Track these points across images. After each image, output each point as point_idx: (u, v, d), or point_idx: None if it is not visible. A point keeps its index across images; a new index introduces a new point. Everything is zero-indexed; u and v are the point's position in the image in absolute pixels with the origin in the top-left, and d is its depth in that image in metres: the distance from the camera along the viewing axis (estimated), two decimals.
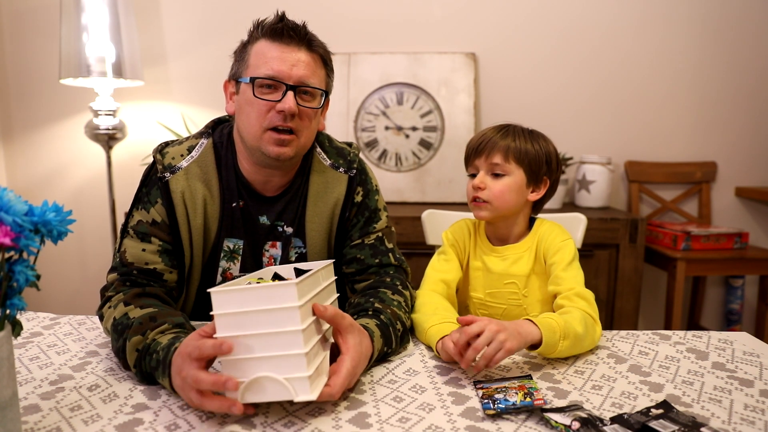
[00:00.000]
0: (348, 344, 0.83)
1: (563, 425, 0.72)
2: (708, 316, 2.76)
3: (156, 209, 1.08)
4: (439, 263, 1.26)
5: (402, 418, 0.77)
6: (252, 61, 1.07)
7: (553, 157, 1.20)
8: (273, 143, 1.06)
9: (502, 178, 1.17)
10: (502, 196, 1.17)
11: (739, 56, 2.60)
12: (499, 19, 2.58)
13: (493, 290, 1.23)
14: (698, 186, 2.65)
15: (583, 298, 1.07)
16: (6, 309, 0.63)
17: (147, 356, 0.86)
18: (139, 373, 0.87)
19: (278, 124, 1.05)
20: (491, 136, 1.19)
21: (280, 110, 1.04)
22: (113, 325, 0.94)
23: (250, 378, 0.73)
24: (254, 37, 1.09)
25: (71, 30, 2.21)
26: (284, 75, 1.05)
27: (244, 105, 1.08)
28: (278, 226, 1.17)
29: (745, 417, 0.78)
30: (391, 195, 2.51)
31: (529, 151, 1.17)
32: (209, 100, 2.64)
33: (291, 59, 1.05)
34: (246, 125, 1.09)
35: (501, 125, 1.22)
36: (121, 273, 1.04)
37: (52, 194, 2.69)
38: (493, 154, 1.17)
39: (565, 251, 1.16)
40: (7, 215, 0.60)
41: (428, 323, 1.04)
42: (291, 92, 1.05)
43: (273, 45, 1.06)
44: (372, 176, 1.24)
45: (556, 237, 1.20)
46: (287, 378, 0.72)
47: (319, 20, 2.57)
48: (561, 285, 1.11)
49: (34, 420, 0.75)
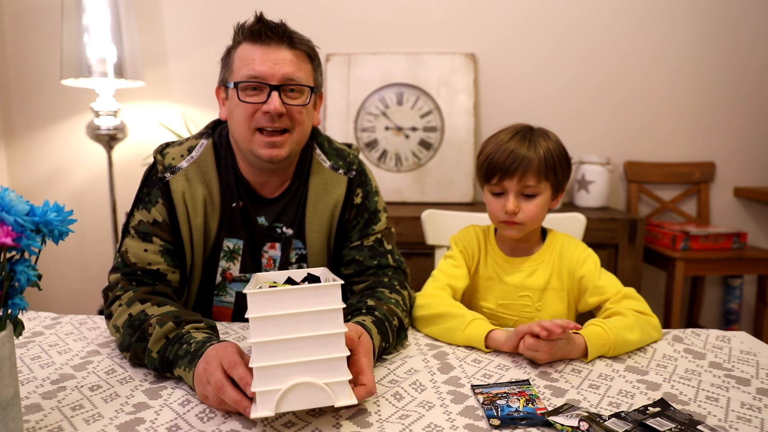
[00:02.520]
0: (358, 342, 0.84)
1: (570, 427, 0.73)
2: (707, 315, 2.76)
3: (157, 209, 1.09)
4: (448, 267, 1.24)
5: (402, 415, 0.77)
6: (236, 66, 1.08)
7: (566, 156, 1.18)
8: (264, 146, 1.07)
9: (534, 198, 1.15)
10: (536, 217, 1.16)
11: (738, 57, 2.60)
12: (499, 20, 2.59)
13: (506, 302, 1.22)
14: (697, 186, 2.65)
15: (631, 297, 1.10)
16: (8, 309, 0.64)
17: (177, 344, 0.87)
18: (157, 360, 0.88)
19: (266, 125, 1.06)
20: (520, 152, 1.13)
21: (266, 111, 1.05)
22: (128, 320, 0.95)
23: (286, 385, 0.68)
24: (236, 42, 1.10)
25: (72, 31, 2.21)
26: (267, 75, 1.05)
27: (233, 109, 1.09)
28: (277, 228, 1.17)
29: (742, 415, 0.78)
30: (391, 195, 2.52)
31: (556, 165, 1.15)
32: (210, 101, 2.64)
33: (273, 58, 1.05)
34: (236, 129, 1.09)
35: (520, 132, 1.17)
36: (124, 273, 1.05)
37: (53, 194, 2.70)
38: (527, 176, 1.13)
39: (590, 261, 1.19)
40: (8, 215, 0.60)
41: (469, 316, 1.06)
42: (275, 92, 1.05)
43: (254, 47, 1.07)
44: (372, 177, 1.24)
45: (576, 249, 1.21)
46: (327, 383, 0.69)
47: (319, 21, 2.58)
48: (605, 293, 1.13)
49: (36, 419, 0.76)
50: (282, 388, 0.68)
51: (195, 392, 0.84)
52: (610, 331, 0.99)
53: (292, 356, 0.70)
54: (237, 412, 0.77)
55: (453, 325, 1.06)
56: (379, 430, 0.74)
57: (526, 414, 0.77)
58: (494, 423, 0.75)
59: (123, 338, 0.95)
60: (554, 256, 1.21)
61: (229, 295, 1.18)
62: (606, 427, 0.72)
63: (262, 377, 0.70)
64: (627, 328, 1.01)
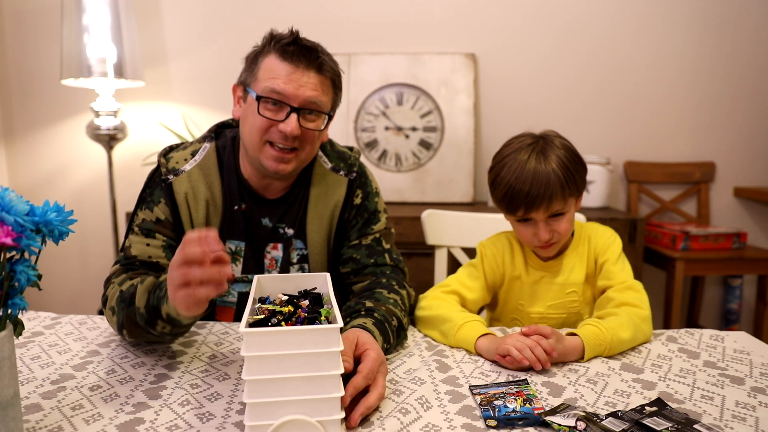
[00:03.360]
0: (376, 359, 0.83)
1: (567, 427, 0.73)
2: (706, 315, 2.76)
3: (159, 208, 1.11)
4: (464, 276, 1.23)
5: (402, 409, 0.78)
6: (261, 75, 1.07)
7: (579, 159, 1.15)
8: (272, 159, 1.08)
9: (563, 216, 1.13)
10: (569, 231, 1.16)
11: (738, 57, 2.60)
12: (498, 20, 2.59)
13: (555, 302, 1.22)
14: (697, 186, 2.65)
15: (633, 289, 1.11)
16: (8, 309, 0.64)
17: (157, 290, 0.89)
18: (145, 313, 0.90)
19: (278, 141, 1.07)
20: (541, 179, 1.08)
21: (282, 131, 1.05)
22: (120, 296, 0.97)
23: (279, 421, 0.67)
24: (266, 50, 1.08)
25: (72, 31, 2.22)
26: (290, 95, 1.05)
27: (249, 115, 1.09)
28: (280, 228, 1.18)
29: (737, 414, 0.79)
30: (391, 195, 2.52)
31: (575, 176, 1.11)
32: (210, 101, 2.65)
33: (299, 80, 1.05)
34: (248, 135, 1.10)
35: (526, 147, 1.12)
36: (123, 264, 1.07)
37: (53, 194, 2.70)
38: (553, 204, 1.10)
39: (614, 246, 1.20)
40: (8, 215, 0.61)
41: (461, 319, 1.05)
42: (294, 114, 1.05)
43: (283, 63, 1.05)
44: (372, 179, 1.25)
45: (603, 234, 1.22)
46: (320, 420, 0.69)
47: (319, 20, 2.59)
48: (612, 279, 1.15)
49: (36, 419, 0.76)
50: (274, 423, 0.68)
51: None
52: (606, 331, 0.99)
53: (286, 394, 0.68)
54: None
55: (446, 329, 1.06)
56: (380, 429, 0.74)
57: (523, 414, 0.77)
58: (491, 424, 0.75)
59: (118, 315, 0.96)
60: (585, 246, 1.22)
61: (232, 295, 1.19)
62: (603, 427, 0.72)
63: (255, 412, 0.69)
64: (621, 327, 1.01)
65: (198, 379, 0.89)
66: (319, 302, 0.83)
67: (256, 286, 0.86)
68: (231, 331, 1.11)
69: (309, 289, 0.88)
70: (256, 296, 0.85)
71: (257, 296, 0.86)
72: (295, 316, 0.77)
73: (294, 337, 0.68)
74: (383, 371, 0.83)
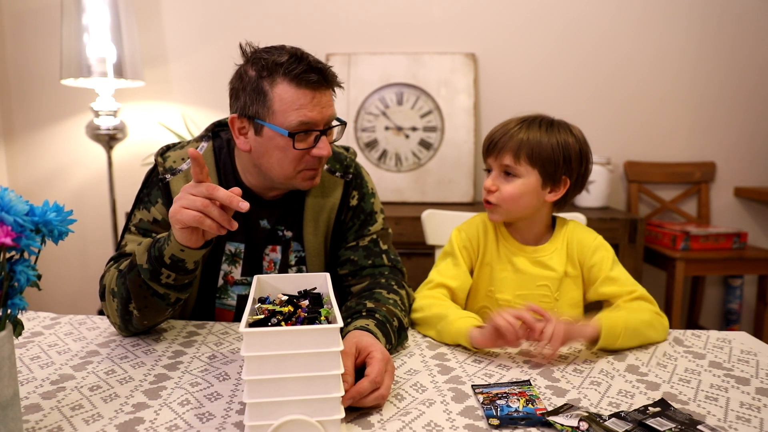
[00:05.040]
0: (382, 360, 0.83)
1: (570, 427, 0.73)
2: (707, 315, 2.76)
3: (157, 208, 1.10)
4: (446, 267, 1.20)
5: (403, 412, 0.77)
6: (278, 107, 1.00)
7: (574, 153, 1.12)
8: (307, 180, 1.08)
9: (514, 179, 1.12)
10: (513, 200, 1.12)
11: (738, 56, 2.60)
12: (499, 20, 2.59)
13: (523, 292, 1.18)
14: (697, 186, 2.65)
15: (647, 300, 1.09)
16: (7, 309, 0.64)
17: (156, 243, 0.93)
18: (149, 267, 0.93)
19: (314, 166, 1.07)
20: (506, 131, 1.12)
21: (319, 156, 1.04)
22: (119, 273, 0.99)
23: (279, 421, 0.68)
24: (271, 77, 1.00)
25: (72, 30, 2.21)
26: (318, 121, 1.02)
27: (272, 150, 1.04)
28: (278, 230, 1.18)
29: (741, 415, 0.78)
30: (391, 195, 2.52)
31: (543, 150, 1.09)
32: (210, 101, 2.65)
33: (320, 103, 1.03)
34: (277, 168, 1.06)
35: (523, 117, 1.15)
36: (117, 261, 1.07)
37: (53, 194, 2.70)
38: (503, 154, 1.11)
39: (603, 250, 1.16)
40: (8, 215, 0.60)
41: (454, 315, 1.04)
42: (324, 137, 1.05)
43: (299, 90, 1.00)
44: (368, 180, 1.24)
45: (587, 237, 1.18)
46: (320, 420, 0.69)
47: (319, 21, 2.58)
48: (619, 285, 1.12)
49: (36, 419, 0.76)
50: (274, 423, 0.68)
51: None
52: (627, 315, 1.00)
53: (286, 394, 0.68)
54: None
55: (442, 328, 1.05)
56: (380, 429, 0.74)
57: (525, 414, 0.77)
58: (493, 423, 0.75)
59: (120, 293, 0.97)
60: (566, 243, 1.18)
61: (231, 298, 1.18)
62: (606, 427, 0.72)
63: (255, 412, 0.69)
64: (643, 323, 1.02)
65: (198, 378, 0.89)
66: (319, 302, 0.83)
67: (255, 286, 0.85)
68: (231, 331, 1.11)
69: (309, 289, 0.88)
70: (256, 296, 0.85)
71: (257, 296, 0.86)
72: (295, 316, 0.76)
73: (294, 337, 0.68)
74: (390, 370, 0.83)
